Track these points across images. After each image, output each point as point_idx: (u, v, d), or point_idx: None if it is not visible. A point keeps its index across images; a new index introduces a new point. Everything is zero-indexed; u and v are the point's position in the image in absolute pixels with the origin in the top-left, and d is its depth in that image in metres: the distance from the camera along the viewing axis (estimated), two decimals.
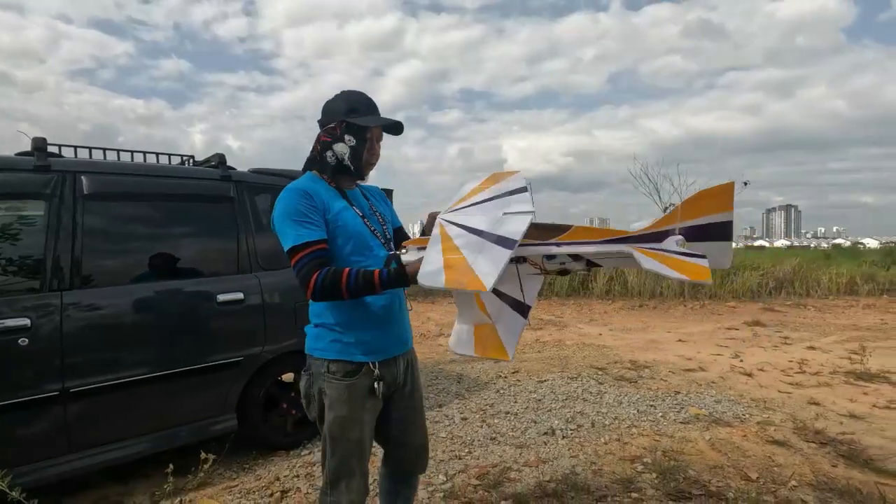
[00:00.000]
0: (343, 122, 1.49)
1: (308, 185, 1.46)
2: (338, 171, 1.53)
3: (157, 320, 2.53)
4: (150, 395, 2.47)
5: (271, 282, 2.92)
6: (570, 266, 1.38)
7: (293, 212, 1.40)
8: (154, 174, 2.72)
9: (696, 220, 1.25)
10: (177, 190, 2.74)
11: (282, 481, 2.58)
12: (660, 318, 8.54)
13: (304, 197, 1.42)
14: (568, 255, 1.35)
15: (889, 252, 15.81)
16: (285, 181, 3.15)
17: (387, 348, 1.54)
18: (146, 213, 2.68)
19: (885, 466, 2.66)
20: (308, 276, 1.35)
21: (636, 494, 2.39)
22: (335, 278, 1.34)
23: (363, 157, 1.53)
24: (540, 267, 1.40)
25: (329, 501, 1.49)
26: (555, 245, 1.34)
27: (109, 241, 2.52)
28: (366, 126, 1.50)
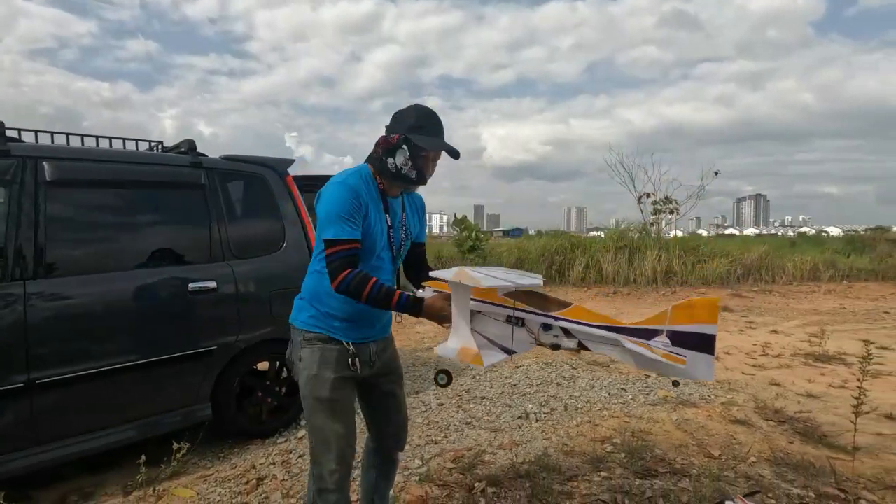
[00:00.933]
0: (404, 136, 1.55)
1: (358, 184, 1.54)
2: (395, 178, 1.60)
3: (126, 310, 2.48)
4: (121, 385, 2.44)
5: (245, 270, 2.89)
6: (563, 343, 1.50)
7: (341, 207, 1.48)
8: (121, 160, 2.64)
9: (683, 327, 1.37)
10: (145, 177, 2.67)
11: (257, 469, 2.59)
12: (633, 304, 8.76)
13: (354, 196, 1.50)
14: (562, 329, 1.49)
15: (850, 240, 16.50)
16: (258, 168, 3.12)
17: (364, 333, 1.64)
18: (113, 201, 2.61)
19: (837, 442, 2.82)
20: (338, 271, 1.45)
21: (605, 473, 2.48)
22: (361, 284, 1.45)
23: (422, 169, 1.59)
24: (535, 336, 1.53)
25: (314, 473, 1.59)
26: (553, 318, 1.49)
27: (75, 229, 2.46)
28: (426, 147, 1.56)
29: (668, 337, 1.37)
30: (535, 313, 1.51)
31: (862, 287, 10.65)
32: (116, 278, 2.49)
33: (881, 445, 2.80)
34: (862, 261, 12.42)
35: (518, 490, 2.32)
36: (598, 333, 1.43)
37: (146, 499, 2.30)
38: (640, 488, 2.31)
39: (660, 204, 12.80)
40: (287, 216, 3.13)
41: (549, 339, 1.50)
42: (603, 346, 1.45)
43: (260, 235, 3.07)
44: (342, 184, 1.52)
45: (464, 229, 13.27)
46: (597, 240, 13.13)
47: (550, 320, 1.48)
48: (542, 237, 14.60)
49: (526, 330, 1.52)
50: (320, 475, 1.56)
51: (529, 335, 1.52)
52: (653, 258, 11.10)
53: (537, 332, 1.51)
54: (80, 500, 2.33)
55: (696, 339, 1.35)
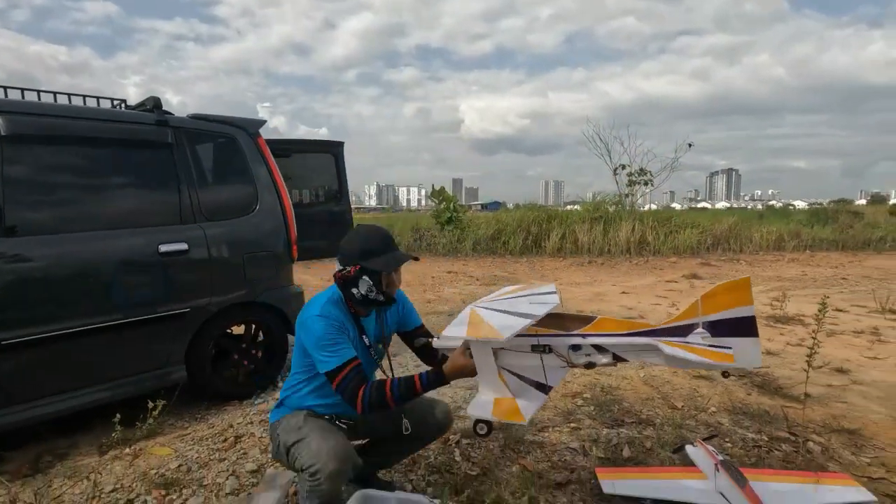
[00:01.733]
0: (359, 266, 1.61)
1: (332, 312, 1.63)
2: (365, 304, 1.68)
3: (93, 271, 2.43)
4: (91, 346, 2.40)
5: (217, 233, 2.85)
6: (596, 359, 1.41)
7: (326, 338, 1.57)
8: (82, 116, 2.53)
9: (718, 315, 1.29)
10: (108, 134, 2.57)
11: (235, 428, 2.61)
12: (607, 273, 8.96)
13: (337, 323, 1.60)
14: (592, 346, 1.40)
15: (815, 212, 17.09)
16: (227, 128, 3.04)
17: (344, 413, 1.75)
18: (75, 159, 2.51)
19: (791, 392, 3.00)
20: (355, 393, 1.52)
21: (575, 424, 2.59)
22: (380, 392, 1.51)
23: (386, 291, 1.66)
24: (566, 359, 1.44)
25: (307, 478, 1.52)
26: (580, 336, 1.41)
27: (35, 187, 2.37)
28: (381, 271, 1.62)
29: (706, 328, 1.30)
30: (560, 335, 1.43)
31: (823, 256, 11.12)
32: (81, 239, 2.41)
33: (830, 395, 2.99)
34: (824, 231, 12.92)
35: (491, 440, 2.40)
36: (633, 342, 1.35)
37: (122, 457, 2.31)
38: (608, 437, 2.43)
39: (635, 175, 12.99)
40: (259, 178, 3.07)
41: (581, 360, 1.42)
42: (641, 355, 1.37)
43: (232, 197, 3.01)
44: (321, 317, 1.60)
45: (441, 201, 13.24)
46: (573, 212, 13.30)
47: (578, 339, 1.41)
48: (520, 210, 14.70)
49: (555, 355, 1.44)
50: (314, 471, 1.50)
51: (559, 359, 1.44)
52: (627, 229, 11.33)
53: (567, 354, 1.43)
54: (55, 459, 2.32)
55: (735, 324, 1.28)
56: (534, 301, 1.47)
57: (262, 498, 1.89)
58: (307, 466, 1.52)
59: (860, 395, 3.01)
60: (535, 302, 1.47)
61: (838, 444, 2.34)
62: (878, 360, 3.69)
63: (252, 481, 2.09)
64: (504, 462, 2.19)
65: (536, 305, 1.45)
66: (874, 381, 3.22)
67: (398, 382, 1.52)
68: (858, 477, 1.98)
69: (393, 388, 1.51)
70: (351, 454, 1.58)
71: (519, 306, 1.44)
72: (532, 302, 1.46)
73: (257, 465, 2.22)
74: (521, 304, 1.47)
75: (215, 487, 2.05)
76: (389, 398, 1.50)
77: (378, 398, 1.51)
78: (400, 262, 1.66)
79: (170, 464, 2.24)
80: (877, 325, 4.70)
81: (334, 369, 1.54)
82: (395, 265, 1.65)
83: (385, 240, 1.68)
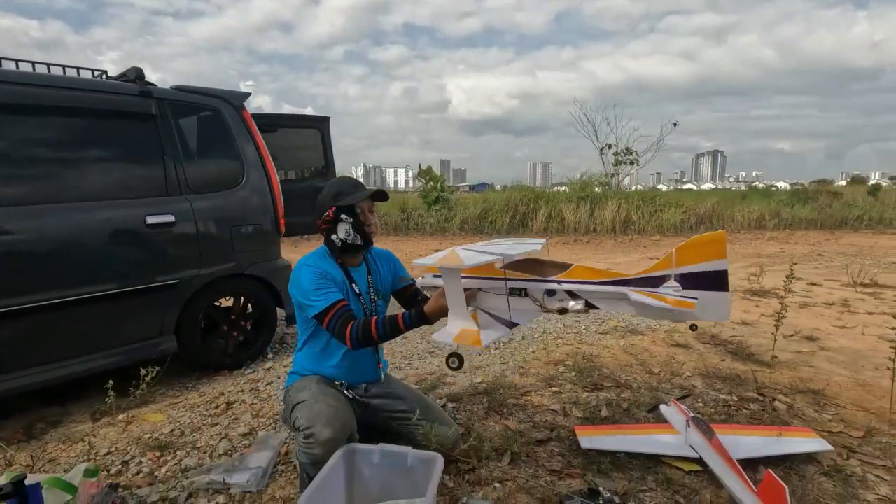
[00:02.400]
0: (332, 206, 1.73)
1: (317, 263, 1.75)
2: (346, 251, 1.80)
3: (78, 242, 2.42)
4: (80, 317, 2.42)
5: (205, 206, 2.86)
6: (569, 305, 1.44)
7: (312, 283, 1.68)
8: (62, 86, 2.50)
9: (691, 268, 1.29)
10: (89, 104, 2.54)
11: (226, 396, 2.67)
12: (592, 251, 9.10)
13: (318, 271, 1.71)
14: (567, 292, 1.44)
15: (795, 193, 17.41)
16: (211, 100, 3.02)
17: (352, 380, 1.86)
18: (56, 129, 2.49)
19: (762, 358, 3.13)
20: (343, 332, 1.61)
21: (556, 388, 2.69)
22: (366, 330, 1.59)
23: (364, 229, 1.77)
24: (540, 303, 1.49)
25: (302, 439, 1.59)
26: (555, 282, 1.44)
27: (14, 157, 2.34)
28: (353, 203, 1.73)
29: (678, 281, 1.30)
30: (536, 280, 1.47)
31: (802, 234, 11.40)
32: (64, 210, 2.41)
33: (799, 360, 3.14)
34: (804, 211, 13.21)
35: (476, 404, 2.50)
36: (604, 290, 1.38)
37: (116, 424, 2.36)
38: (587, 400, 2.54)
39: (621, 155, 13.09)
40: (245, 150, 3.07)
41: (554, 305, 1.46)
42: (611, 302, 1.40)
43: (218, 170, 3.02)
44: (306, 266, 1.72)
45: (429, 180, 13.22)
46: (560, 193, 13.39)
47: (553, 285, 1.44)
48: (507, 190, 14.74)
49: (530, 299, 1.49)
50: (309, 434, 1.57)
51: (535, 303, 1.49)
52: (612, 208, 11.46)
53: (542, 298, 1.47)
54: (48, 427, 2.37)
55: (707, 277, 1.28)
56: (515, 246, 1.51)
57: (254, 458, 1.96)
58: (303, 428, 1.59)
59: (826, 359, 3.16)
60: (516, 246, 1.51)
61: (803, 404, 2.48)
62: (845, 328, 3.85)
63: (244, 443, 2.16)
64: (488, 423, 2.29)
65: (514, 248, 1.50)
66: (840, 348, 3.38)
67: (383, 320, 1.60)
68: (819, 431, 2.11)
69: (378, 325, 1.59)
70: (348, 424, 1.64)
71: (497, 248, 1.48)
72: (513, 247, 1.50)
73: (249, 429, 2.28)
74: (501, 247, 1.52)
75: (208, 449, 2.12)
76: (374, 334, 1.59)
77: (364, 335, 1.59)
78: (368, 194, 1.78)
79: (163, 429, 2.30)
80: (847, 298, 4.89)
81: (322, 311, 1.64)
82: (365, 197, 1.77)
83: (355, 183, 1.83)
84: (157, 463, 2.01)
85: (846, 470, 1.86)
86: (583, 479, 1.83)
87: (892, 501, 1.68)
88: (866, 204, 14.07)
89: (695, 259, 1.28)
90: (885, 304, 4.60)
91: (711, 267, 1.28)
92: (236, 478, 1.82)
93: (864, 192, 16.87)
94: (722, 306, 1.29)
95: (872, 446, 2.06)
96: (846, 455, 1.99)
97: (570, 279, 1.43)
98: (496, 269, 1.52)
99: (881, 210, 13.30)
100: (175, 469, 1.96)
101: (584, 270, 1.43)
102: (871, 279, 5.68)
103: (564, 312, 1.46)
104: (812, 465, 1.90)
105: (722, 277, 1.28)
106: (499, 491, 1.76)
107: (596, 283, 1.40)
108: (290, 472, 1.91)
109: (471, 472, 1.85)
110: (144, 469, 1.96)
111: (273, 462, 1.95)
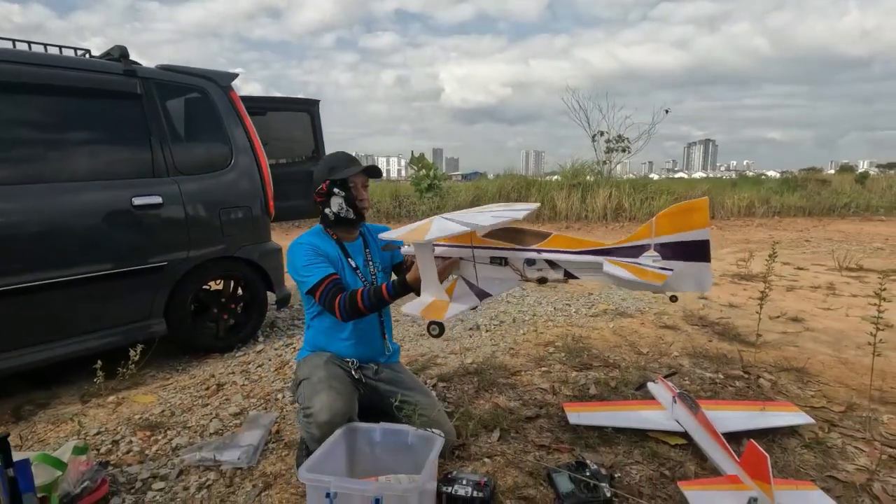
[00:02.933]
0: (326, 181, 1.78)
1: (311, 240, 1.79)
2: (339, 224, 1.84)
3: (62, 223, 2.39)
4: (66, 298, 2.40)
5: (194, 188, 2.83)
6: (549, 275, 1.43)
7: (303, 260, 1.72)
8: (44, 63, 2.44)
9: (672, 237, 1.25)
10: (72, 83, 2.49)
11: (217, 377, 2.67)
12: (583, 237, 9.13)
13: (310, 248, 1.75)
14: (546, 262, 1.42)
15: (785, 181, 17.54)
16: (198, 80, 2.98)
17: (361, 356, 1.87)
18: (37, 108, 2.44)
19: (748, 339, 3.18)
20: (332, 304, 1.64)
21: (546, 368, 2.72)
22: (352, 302, 1.61)
23: (356, 203, 1.80)
24: (520, 272, 1.47)
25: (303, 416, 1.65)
26: (535, 251, 1.43)
27: None
28: (346, 177, 1.78)
29: (657, 250, 1.27)
30: (517, 249, 1.45)
31: (790, 221, 11.52)
32: (47, 191, 2.37)
33: (784, 340, 3.19)
34: (793, 198, 13.32)
35: (467, 384, 2.52)
36: (582, 260, 1.36)
37: (105, 405, 2.35)
38: (576, 379, 2.57)
39: (612, 142, 13.09)
40: (233, 132, 3.04)
41: (534, 274, 1.45)
42: (590, 272, 1.38)
43: (206, 151, 2.98)
44: (297, 244, 1.77)
45: (421, 168, 13.15)
46: (552, 181, 13.38)
47: (533, 254, 1.43)
48: (499, 178, 14.71)
49: (510, 268, 1.48)
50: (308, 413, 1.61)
51: (515, 272, 1.47)
52: (604, 195, 11.49)
53: (522, 268, 1.46)
54: (36, 408, 2.35)
55: (687, 247, 1.24)
56: (503, 213, 1.47)
57: (245, 436, 1.97)
58: (304, 406, 1.64)
59: (811, 339, 3.22)
60: (505, 213, 1.47)
61: (787, 381, 2.52)
62: (830, 310, 3.92)
63: (235, 422, 2.17)
64: (478, 401, 2.31)
65: (499, 216, 1.45)
66: (825, 328, 3.44)
67: (368, 291, 1.62)
68: (802, 406, 2.16)
69: (363, 296, 1.61)
70: (347, 409, 1.63)
71: (475, 218, 1.44)
72: (495, 216, 1.46)
73: (240, 409, 2.29)
74: (480, 216, 1.47)
75: (199, 428, 2.12)
76: (360, 305, 1.61)
77: (351, 306, 1.62)
78: (361, 169, 1.82)
79: (153, 409, 2.30)
80: (833, 281, 4.97)
81: (314, 285, 1.68)
82: (357, 171, 1.81)
83: (349, 158, 1.87)
84: (148, 442, 2.01)
85: (827, 442, 1.91)
86: (571, 453, 1.86)
87: (870, 471, 1.73)
88: (854, 192, 14.21)
89: (676, 228, 1.24)
90: (869, 287, 4.67)
91: (692, 237, 1.23)
92: (227, 455, 1.83)
93: (851, 180, 17.04)
94: (703, 277, 1.25)
95: (853, 420, 2.11)
96: (827, 428, 2.03)
97: (549, 248, 1.41)
98: (479, 237, 1.51)
99: (868, 198, 13.45)
100: (166, 448, 1.97)
101: (563, 240, 1.42)
102: (856, 264, 5.77)
103: (544, 282, 1.45)
104: (794, 438, 1.95)
105: (703, 247, 1.23)
106: (488, 465, 1.78)
107: (575, 253, 1.38)
108: (282, 450, 1.92)
109: (460, 448, 1.87)
110: (135, 448, 1.96)
111: (264, 440, 1.96)
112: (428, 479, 1.38)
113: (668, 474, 1.72)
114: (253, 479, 1.74)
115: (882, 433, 2.00)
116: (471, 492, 1.52)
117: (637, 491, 1.63)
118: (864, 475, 1.71)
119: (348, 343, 1.85)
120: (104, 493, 1.62)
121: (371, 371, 1.88)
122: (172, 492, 1.68)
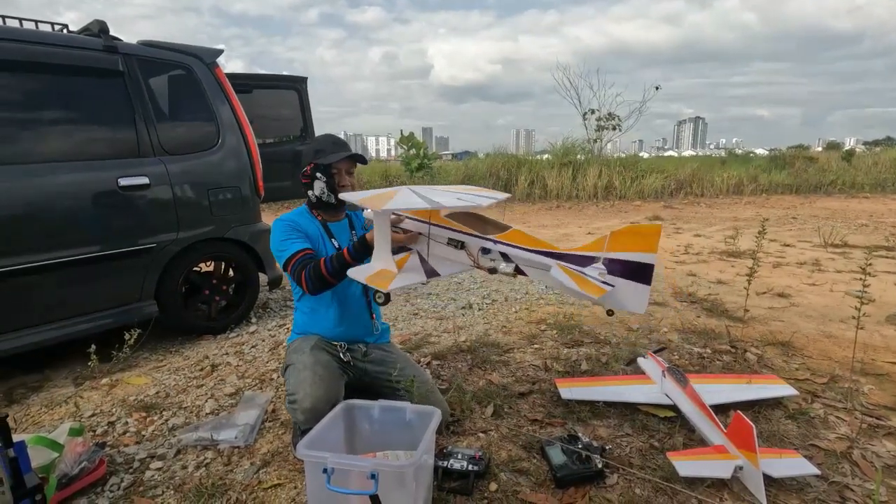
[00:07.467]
0: (311, 163, 1.80)
1: (293, 218, 1.81)
2: (321, 206, 1.85)
3: (45, 204, 2.33)
4: (53, 281, 2.37)
5: (181, 168, 2.78)
6: (500, 266, 1.43)
7: (281, 236, 1.75)
8: (19, 39, 2.36)
9: (621, 255, 1.28)
10: (50, 59, 2.40)
11: (211, 359, 2.67)
12: (574, 216, 9.18)
13: (289, 224, 1.77)
14: (501, 253, 1.42)
15: (773, 158, 17.65)
16: (182, 56, 2.90)
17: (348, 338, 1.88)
18: (14, 87, 2.36)
19: (736, 315, 3.25)
20: (300, 277, 1.66)
21: (538, 345, 2.76)
22: (316, 270, 1.63)
23: (337, 190, 1.80)
24: (474, 259, 1.47)
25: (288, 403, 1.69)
26: (491, 241, 1.44)
27: None
28: (329, 163, 1.78)
29: (605, 264, 1.30)
30: (475, 236, 1.46)
31: (778, 199, 11.64)
32: (27, 171, 2.31)
33: (770, 316, 3.26)
34: (780, 176, 13.44)
35: (460, 362, 2.55)
36: (534, 258, 1.38)
37: (99, 388, 2.35)
38: (568, 355, 2.61)
39: (603, 120, 13.04)
40: (220, 110, 2.97)
41: (487, 263, 1.46)
42: (539, 272, 1.40)
43: (192, 130, 2.93)
44: (278, 221, 1.78)
45: (411, 147, 13.02)
46: (543, 160, 13.33)
47: (489, 244, 1.44)
48: (490, 157, 14.63)
49: (465, 252, 1.48)
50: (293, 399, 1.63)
51: (469, 258, 1.49)
52: (594, 174, 11.50)
53: (477, 255, 1.47)
54: (29, 392, 2.35)
55: (632, 267, 1.28)
56: (462, 198, 1.46)
57: (241, 415, 1.99)
58: (289, 392, 1.67)
59: (796, 314, 3.29)
60: (463, 199, 1.46)
61: (772, 355, 2.59)
62: (815, 286, 4.00)
63: (231, 402, 2.18)
64: (472, 378, 2.34)
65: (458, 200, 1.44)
66: (810, 304, 3.52)
67: (331, 256, 1.64)
68: (787, 379, 2.22)
69: (326, 262, 1.63)
70: (331, 397, 1.63)
71: (440, 196, 1.42)
72: (460, 199, 1.45)
73: (235, 389, 2.30)
74: (445, 196, 1.45)
75: (195, 409, 2.13)
76: (324, 272, 1.62)
77: (316, 274, 1.63)
78: (346, 156, 1.81)
79: (148, 391, 2.30)
80: (818, 258, 5.06)
81: (287, 259, 1.71)
82: (341, 158, 1.80)
83: (335, 141, 1.87)
84: (144, 423, 2.02)
85: (809, 413, 1.97)
86: (563, 427, 1.90)
87: (851, 440, 1.79)
88: (840, 169, 14.36)
89: (626, 247, 1.29)
90: (853, 263, 4.77)
91: (640, 258, 1.27)
92: (224, 434, 1.84)
93: (838, 157, 17.18)
94: (640, 298, 1.30)
95: (835, 391, 2.17)
96: (810, 399, 2.10)
97: (505, 241, 1.42)
98: (441, 217, 1.52)
99: (854, 175, 13.60)
100: (162, 428, 1.98)
101: (521, 235, 1.42)
102: (841, 240, 5.87)
103: (494, 272, 1.45)
104: (778, 410, 2.01)
105: (647, 270, 1.28)
106: (482, 440, 1.82)
107: (528, 250, 1.39)
108: (279, 429, 1.94)
109: (455, 424, 1.91)
110: (131, 429, 1.97)
111: (260, 419, 1.98)
112: (425, 453, 1.41)
113: (657, 445, 1.77)
114: (250, 457, 1.76)
115: (863, 403, 2.06)
116: (466, 465, 1.55)
117: (628, 462, 1.68)
118: (845, 443, 1.77)
119: (334, 323, 1.86)
120: (102, 473, 1.63)
121: (360, 353, 1.89)
122: (171, 471, 1.69)
